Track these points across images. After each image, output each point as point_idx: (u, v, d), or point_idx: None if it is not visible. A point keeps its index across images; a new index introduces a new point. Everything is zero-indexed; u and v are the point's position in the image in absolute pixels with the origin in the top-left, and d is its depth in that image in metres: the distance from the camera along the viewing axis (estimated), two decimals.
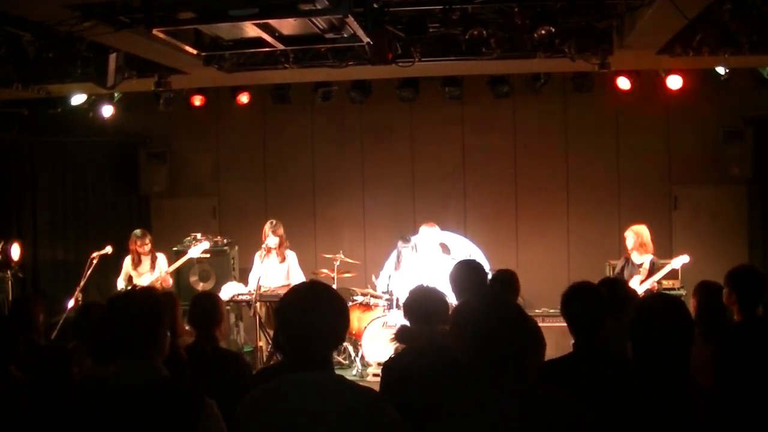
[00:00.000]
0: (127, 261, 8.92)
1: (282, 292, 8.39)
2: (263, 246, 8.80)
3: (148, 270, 8.83)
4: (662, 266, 8.30)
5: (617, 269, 8.49)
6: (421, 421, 2.74)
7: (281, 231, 8.80)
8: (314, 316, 2.62)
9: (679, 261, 8.22)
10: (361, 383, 2.74)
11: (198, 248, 9.09)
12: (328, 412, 2.52)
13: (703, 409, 2.60)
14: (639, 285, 8.08)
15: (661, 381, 2.64)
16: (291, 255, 8.91)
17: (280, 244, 8.79)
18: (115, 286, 8.93)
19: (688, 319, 2.74)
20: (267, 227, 8.80)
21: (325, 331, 2.64)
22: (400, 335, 4.23)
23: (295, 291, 2.77)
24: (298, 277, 8.74)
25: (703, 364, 4.03)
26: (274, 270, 8.82)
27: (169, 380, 2.85)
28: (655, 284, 8.16)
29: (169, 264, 9.00)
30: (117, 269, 8.96)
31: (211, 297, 4.89)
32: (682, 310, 2.75)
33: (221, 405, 2.89)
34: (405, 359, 4.08)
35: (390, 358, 4.34)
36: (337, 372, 2.70)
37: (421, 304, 4.10)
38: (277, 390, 2.62)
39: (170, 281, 8.94)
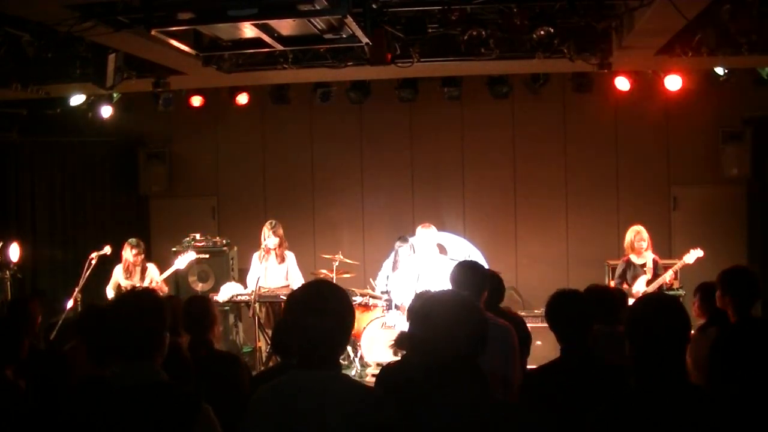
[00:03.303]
0: (118, 269, 8.81)
1: (281, 292, 8.44)
2: (262, 246, 8.80)
3: (138, 282, 8.71)
4: (665, 266, 8.30)
5: (619, 271, 8.46)
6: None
7: (281, 231, 8.80)
8: (318, 315, 2.63)
9: (693, 256, 8.17)
10: None
11: (185, 258, 9.03)
12: (333, 412, 2.54)
13: (701, 410, 2.60)
14: (646, 285, 8.07)
15: (657, 381, 2.64)
16: (290, 255, 8.91)
17: (280, 245, 8.79)
18: (105, 294, 8.82)
19: (684, 318, 2.73)
20: (266, 228, 8.80)
21: (330, 329, 2.64)
22: (399, 341, 4.21)
23: (303, 290, 2.77)
24: (297, 278, 8.74)
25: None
26: (274, 271, 8.82)
27: (167, 383, 2.85)
28: (673, 278, 8.14)
29: (161, 272, 8.93)
30: (107, 277, 8.87)
31: (203, 300, 4.88)
32: (679, 310, 2.74)
33: (219, 406, 2.89)
34: (401, 365, 4.06)
35: (387, 363, 4.32)
36: None
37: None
38: (284, 390, 2.63)
39: (165, 289, 8.89)
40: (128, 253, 8.71)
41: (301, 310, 2.66)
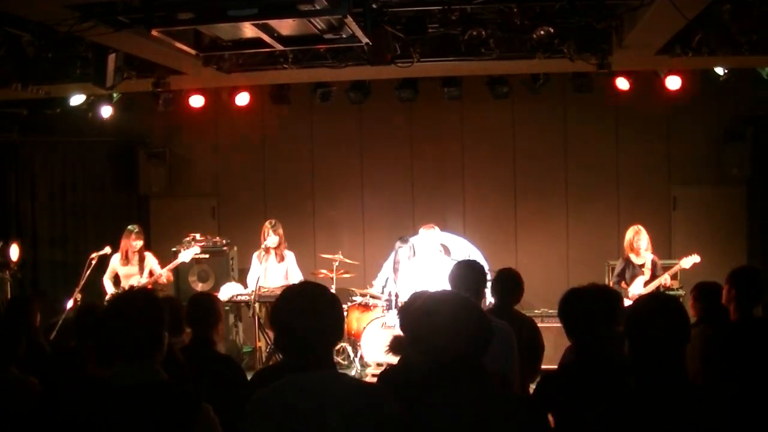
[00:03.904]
0: (116, 258, 8.79)
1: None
2: (262, 246, 8.81)
3: (136, 272, 8.72)
4: (664, 266, 8.29)
5: (617, 270, 8.46)
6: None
7: (281, 231, 8.81)
8: (311, 316, 2.63)
9: (690, 261, 8.15)
10: None
11: (189, 252, 9.03)
12: (333, 411, 2.54)
13: (701, 409, 2.60)
14: (644, 286, 8.07)
15: (657, 381, 2.64)
16: (290, 255, 8.91)
17: (279, 244, 8.79)
18: (103, 284, 8.82)
19: (683, 318, 2.73)
20: (266, 227, 8.81)
21: (324, 329, 2.66)
22: (394, 346, 4.18)
23: (288, 293, 2.78)
24: (296, 278, 8.75)
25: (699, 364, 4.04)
26: (273, 270, 8.82)
27: (168, 382, 2.85)
28: (669, 280, 8.12)
29: (159, 263, 8.93)
30: (105, 267, 8.85)
31: (209, 297, 4.89)
32: (678, 310, 2.74)
33: (219, 406, 2.89)
34: (402, 367, 4.04)
35: (388, 366, 4.30)
36: None
37: None
38: (284, 390, 2.63)
39: (170, 278, 8.89)
40: (128, 239, 8.70)
41: (292, 314, 2.67)
